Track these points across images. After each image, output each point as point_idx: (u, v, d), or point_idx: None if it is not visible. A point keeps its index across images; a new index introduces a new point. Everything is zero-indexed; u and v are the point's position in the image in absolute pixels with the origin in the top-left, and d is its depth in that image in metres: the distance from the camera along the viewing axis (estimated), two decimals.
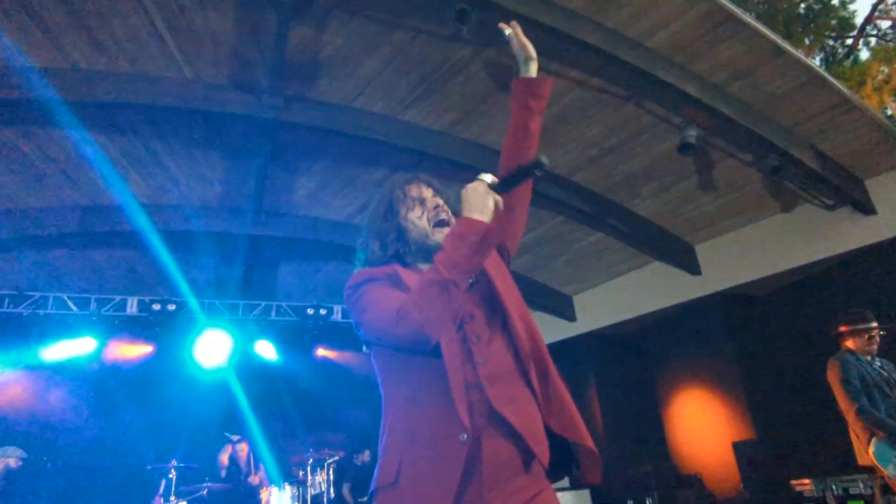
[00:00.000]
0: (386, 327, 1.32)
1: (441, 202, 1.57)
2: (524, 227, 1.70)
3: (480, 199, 1.35)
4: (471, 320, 1.40)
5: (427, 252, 1.51)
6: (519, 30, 1.72)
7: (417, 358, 1.35)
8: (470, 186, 1.40)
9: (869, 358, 3.68)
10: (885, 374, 3.54)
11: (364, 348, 1.54)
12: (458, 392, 1.27)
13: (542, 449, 1.33)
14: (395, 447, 1.34)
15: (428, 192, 1.59)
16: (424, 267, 1.51)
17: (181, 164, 6.16)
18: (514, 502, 1.27)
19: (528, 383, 1.38)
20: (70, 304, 7.19)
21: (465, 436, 1.25)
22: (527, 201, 1.68)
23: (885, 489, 5.61)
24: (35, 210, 6.40)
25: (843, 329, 3.81)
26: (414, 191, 1.59)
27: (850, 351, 3.74)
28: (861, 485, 5.75)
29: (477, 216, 1.33)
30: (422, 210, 1.55)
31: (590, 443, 1.39)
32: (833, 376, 3.64)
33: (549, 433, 1.39)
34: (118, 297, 7.43)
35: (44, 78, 4.78)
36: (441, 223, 1.54)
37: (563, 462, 1.42)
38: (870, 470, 3.46)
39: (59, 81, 4.83)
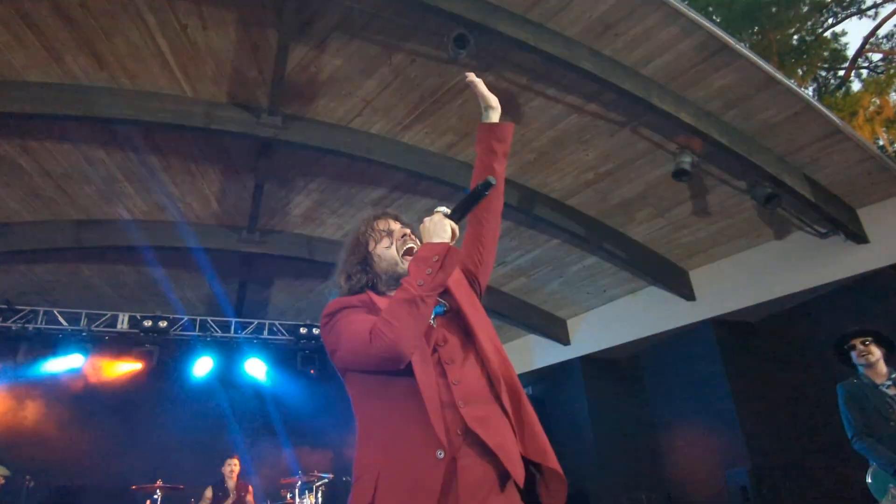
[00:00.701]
0: (360, 348, 1.37)
1: (408, 232, 1.66)
2: (493, 258, 1.76)
3: (438, 226, 1.48)
4: (444, 344, 1.45)
5: (398, 279, 1.57)
6: (479, 81, 1.86)
7: (392, 380, 1.38)
8: (427, 219, 1.52)
9: (878, 379, 3.40)
10: (890, 395, 3.29)
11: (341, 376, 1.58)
12: (434, 410, 1.30)
13: (516, 470, 1.33)
14: (371, 469, 1.34)
15: (396, 225, 1.69)
16: None
17: (178, 180, 6.17)
18: None
19: (502, 407, 1.41)
20: (60, 318, 7.13)
21: (442, 453, 1.26)
22: (494, 230, 1.75)
23: None
24: (28, 224, 6.38)
25: (839, 354, 3.68)
26: (381, 224, 1.69)
27: (855, 375, 3.53)
28: None
29: (437, 240, 1.44)
30: (390, 241, 1.64)
31: (559, 467, 1.40)
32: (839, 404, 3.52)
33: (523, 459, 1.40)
34: (109, 313, 7.37)
35: (44, 92, 4.80)
36: (409, 251, 1.63)
37: (529, 488, 1.41)
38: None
39: (59, 96, 4.85)
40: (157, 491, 5.68)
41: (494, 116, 1.82)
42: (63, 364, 7.13)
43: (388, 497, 1.28)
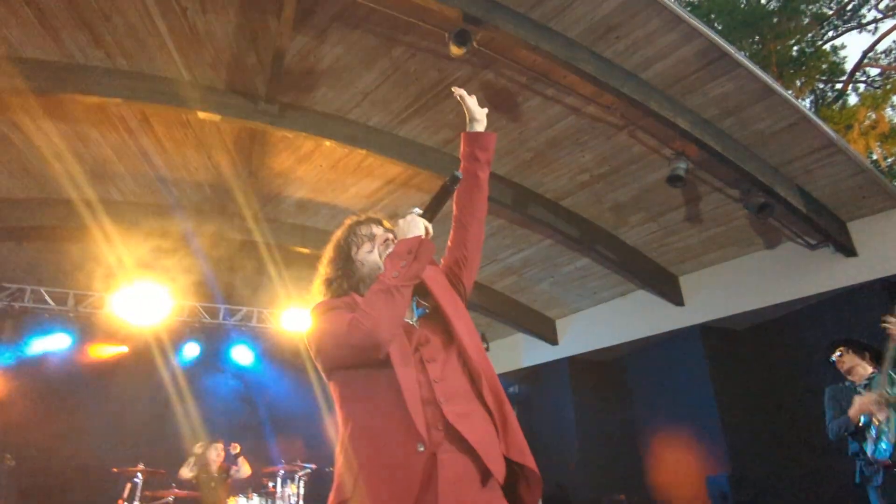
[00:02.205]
0: (341, 340, 1.40)
1: (391, 236, 1.69)
2: (478, 261, 1.80)
3: (412, 224, 1.56)
4: (427, 343, 1.48)
5: None
6: (467, 96, 1.93)
7: (374, 376, 1.40)
8: (401, 220, 1.60)
9: (858, 381, 3.74)
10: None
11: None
12: (414, 405, 1.32)
13: (496, 467, 1.35)
14: (351, 464, 1.36)
15: (378, 229, 1.72)
16: None
17: (172, 165, 6.13)
18: None
19: (485, 406, 1.44)
20: (47, 297, 7.08)
21: (423, 446, 1.28)
22: (478, 234, 1.80)
23: None
24: (18, 201, 6.32)
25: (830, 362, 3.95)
26: (363, 229, 1.72)
27: (844, 379, 3.89)
28: None
29: (410, 236, 1.53)
30: (372, 245, 1.68)
31: (536, 468, 1.43)
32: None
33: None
34: (97, 294, 7.32)
35: (38, 68, 4.76)
36: None
37: (509, 486, 1.43)
38: None
39: (54, 74, 4.80)
40: (139, 474, 5.66)
41: (479, 128, 1.87)
42: (48, 344, 7.08)
43: (368, 489, 1.30)
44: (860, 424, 3.45)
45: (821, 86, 15.60)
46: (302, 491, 6.37)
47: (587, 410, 8.66)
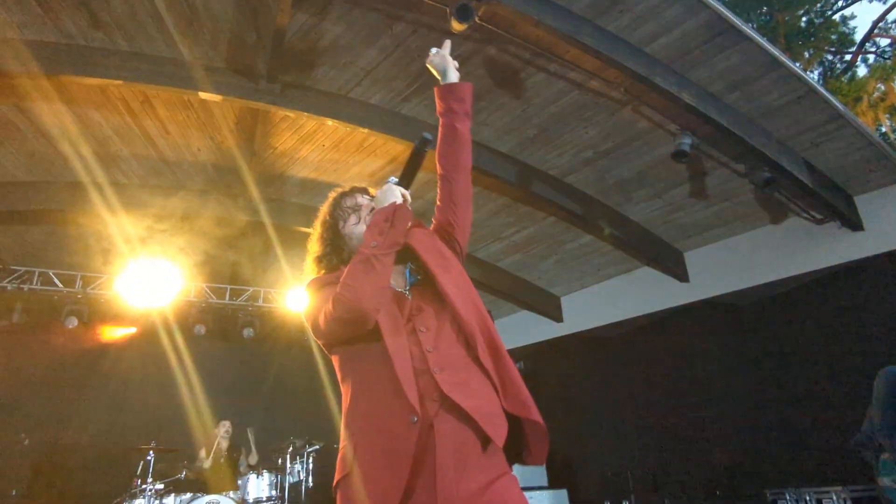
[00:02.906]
0: (329, 316, 1.40)
1: (374, 204, 1.66)
2: (469, 215, 1.76)
3: (388, 193, 1.55)
4: (419, 313, 1.47)
5: None
6: (431, 55, 1.90)
7: (367, 350, 1.41)
8: (378, 191, 1.59)
9: None
10: None
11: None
12: (405, 376, 1.32)
13: (495, 430, 1.34)
14: (349, 440, 1.38)
15: (363, 199, 1.70)
16: None
17: (175, 146, 6.12)
18: (468, 487, 1.26)
19: (482, 369, 1.42)
20: (56, 280, 7.14)
21: (416, 418, 1.27)
22: (464, 188, 1.76)
23: (857, 502, 5.70)
24: (25, 184, 6.34)
25: None
26: (348, 202, 1.71)
27: None
28: (834, 497, 5.83)
29: (386, 205, 1.53)
30: (357, 217, 1.66)
31: (540, 419, 1.42)
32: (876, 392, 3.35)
33: (507, 415, 1.41)
34: (104, 276, 7.38)
35: (38, 51, 4.73)
36: None
37: (514, 444, 1.43)
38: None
39: (54, 56, 4.78)
40: (151, 452, 5.76)
41: (454, 79, 1.81)
42: (58, 325, 7.16)
43: (365, 463, 1.31)
44: None
45: (829, 57, 15.34)
46: (310, 467, 6.48)
47: (592, 386, 8.73)
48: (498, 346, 1.48)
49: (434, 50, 1.85)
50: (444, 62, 1.84)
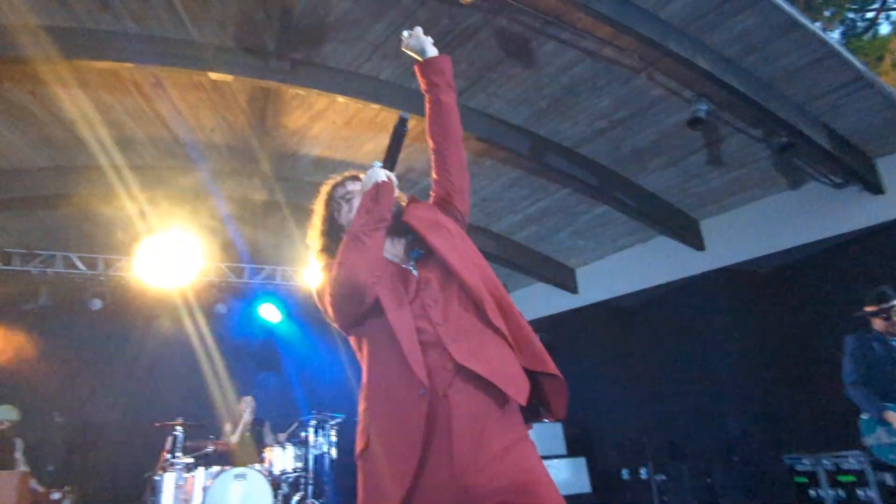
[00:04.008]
0: (330, 297, 1.45)
1: (362, 188, 1.68)
2: (466, 183, 1.77)
3: (372, 176, 1.59)
4: (426, 287, 1.48)
5: None
6: (406, 39, 1.92)
7: (375, 329, 1.44)
8: (363, 176, 1.64)
9: (890, 336, 3.50)
10: None
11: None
12: (411, 350, 1.34)
13: (517, 389, 1.36)
14: (364, 416, 1.42)
15: (355, 186, 1.74)
16: None
17: (187, 126, 6.15)
18: (486, 455, 1.28)
19: (496, 330, 1.43)
20: (78, 263, 7.28)
21: (423, 391, 1.30)
22: (457, 157, 1.77)
23: (875, 465, 5.72)
24: (43, 169, 6.43)
25: (865, 310, 3.64)
26: (339, 192, 1.76)
27: (868, 330, 3.59)
28: (853, 461, 5.84)
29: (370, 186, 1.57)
30: (350, 206, 1.70)
31: (558, 371, 1.44)
32: (844, 353, 3.58)
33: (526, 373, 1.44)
34: (125, 258, 7.51)
35: (49, 35, 4.75)
36: None
37: (532, 402, 1.44)
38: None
39: (65, 39, 4.80)
40: (178, 427, 5.93)
41: (432, 54, 1.86)
42: (82, 307, 7.32)
43: (381, 437, 1.35)
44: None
45: (851, 15, 14.84)
46: (333, 439, 6.62)
47: (609, 357, 8.76)
48: (508, 305, 1.49)
49: (406, 33, 1.87)
50: (419, 41, 1.87)
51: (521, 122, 6.14)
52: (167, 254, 7.27)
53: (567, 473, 6.96)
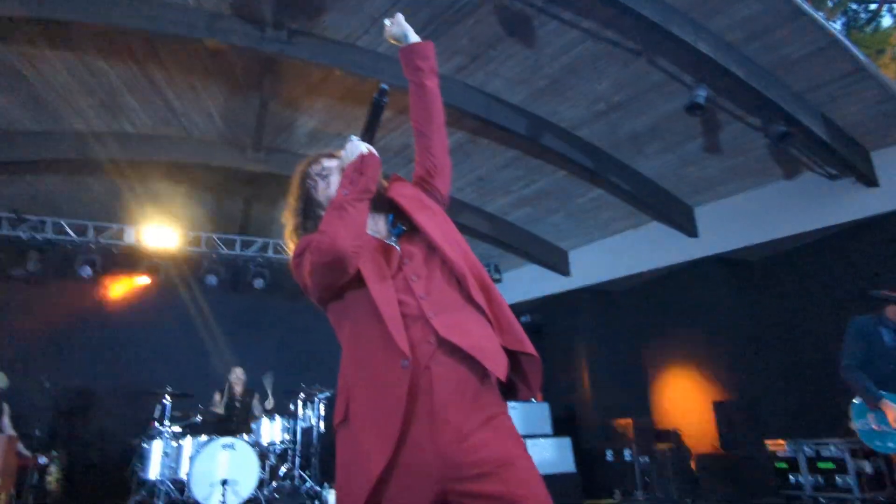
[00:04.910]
0: (313, 265, 1.44)
1: (342, 163, 1.68)
2: (448, 165, 1.78)
3: (352, 149, 1.59)
4: (409, 261, 1.50)
5: None
6: (388, 26, 1.88)
7: (357, 301, 1.45)
8: (342, 151, 1.63)
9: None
10: None
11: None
12: (393, 321, 1.35)
13: (495, 364, 1.38)
14: (343, 387, 1.43)
15: (331, 162, 1.73)
16: None
17: (182, 95, 6.06)
18: (467, 426, 1.30)
19: (477, 307, 1.45)
20: (68, 229, 7.21)
21: (406, 362, 1.31)
22: (439, 139, 1.78)
23: (854, 453, 5.83)
24: (32, 133, 6.34)
25: (884, 296, 3.55)
26: (315, 168, 1.74)
27: (879, 315, 3.52)
28: (833, 448, 5.96)
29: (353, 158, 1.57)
30: (326, 182, 1.70)
31: (534, 350, 1.46)
32: (847, 333, 3.51)
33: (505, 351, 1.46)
34: (116, 226, 7.45)
35: None
36: None
37: (508, 380, 1.47)
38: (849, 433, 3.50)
39: (57, 1, 4.69)
40: (167, 397, 5.94)
41: (414, 40, 1.85)
42: (73, 274, 7.27)
43: (358, 409, 1.36)
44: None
45: (854, 6, 14.74)
46: (322, 413, 6.67)
47: (598, 340, 8.84)
48: (489, 285, 1.51)
49: (388, 21, 1.86)
50: (401, 29, 1.87)
51: (519, 102, 6.09)
52: (159, 223, 7.21)
53: (552, 453, 7.05)
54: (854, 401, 3.42)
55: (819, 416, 6.25)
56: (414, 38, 1.86)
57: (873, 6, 14.36)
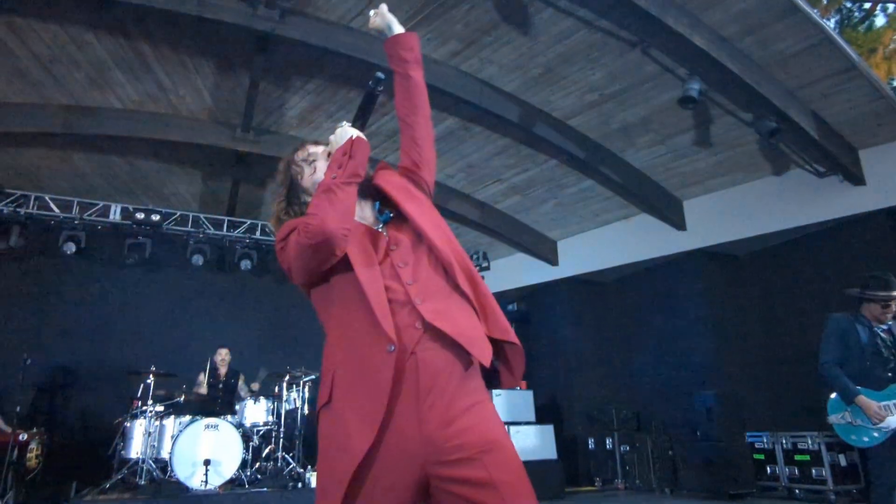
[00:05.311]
0: (300, 247, 1.44)
1: (330, 148, 1.68)
2: (433, 156, 1.79)
3: (342, 134, 1.58)
4: (397, 248, 1.51)
5: None
6: (373, 17, 1.89)
7: (343, 286, 1.45)
8: (332, 136, 1.62)
9: (876, 322, 3.43)
10: (887, 337, 3.40)
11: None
12: (379, 305, 1.36)
13: (480, 351, 1.39)
14: (328, 370, 1.43)
15: (317, 148, 1.72)
16: None
17: (170, 71, 5.96)
18: (452, 411, 1.31)
19: (463, 296, 1.47)
20: (52, 205, 7.10)
21: (392, 347, 1.32)
22: (425, 130, 1.79)
23: (830, 446, 5.94)
24: (15, 105, 6.21)
25: (859, 294, 3.58)
26: (301, 155, 1.73)
27: (855, 313, 3.52)
28: (809, 441, 6.08)
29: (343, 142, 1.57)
30: (313, 168, 1.70)
31: (517, 339, 1.49)
32: (825, 330, 3.55)
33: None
34: (101, 203, 7.34)
35: None
36: None
37: (490, 369, 1.49)
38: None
39: None
40: (151, 377, 5.91)
41: (399, 31, 1.86)
42: (56, 251, 7.17)
43: (343, 392, 1.36)
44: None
45: (848, 4, 14.79)
46: (306, 395, 6.67)
47: (584, 329, 8.90)
48: (474, 275, 1.53)
49: (372, 12, 1.85)
50: (385, 19, 1.87)
51: (513, 90, 6.06)
52: (144, 201, 7.12)
53: (534, 440, 7.11)
54: (832, 395, 3.48)
55: (799, 410, 6.35)
56: (398, 28, 1.86)
57: (867, 5, 14.42)
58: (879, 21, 14.31)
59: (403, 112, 1.79)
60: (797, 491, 6.11)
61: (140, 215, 7.26)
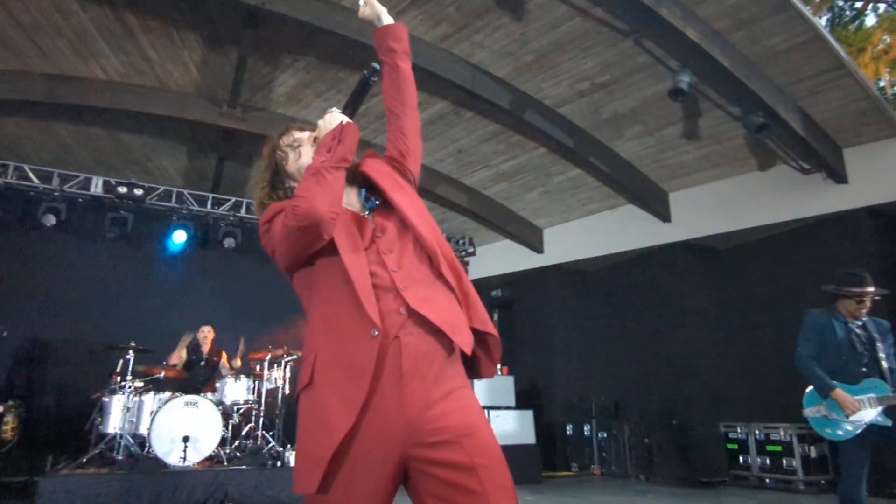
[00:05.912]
0: (287, 229, 1.44)
1: (317, 133, 1.68)
2: (419, 147, 1.80)
3: (331, 120, 1.60)
4: (382, 234, 1.52)
5: None
6: (362, 6, 1.89)
7: (328, 270, 1.46)
8: (320, 121, 1.63)
9: (852, 319, 3.49)
10: (862, 333, 3.53)
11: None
12: (364, 290, 1.38)
13: (462, 339, 1.42)
14: (310, 352, 1.44)
15: (302, 133, 1.72)
16: None
17: (157, 43, 5.84)
18: (433, 395, 1.34)
19: (447, 284, 1.49)
20: (32, 175, 6.97)
21: (376, 331, 1.33)
22: (412, 121, 1.79)
23: (801, 438, 6.08)
24: None
25: (834, 290, 3.64)
26: (286, 140, 1.73)
27: (831, 309, 3.57)
28: (782, 432, 6.22)
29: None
30: (298, 153, 1.70)
31: (495, 331, 1.52)
32: (802, 325, 3.61)
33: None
34: (83, 175, 7.22)
35: None
36: None
37: (469, 359, 1.52)
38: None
39: None
40: (130, 352, 5.86)
41: (388, 21, 1.86)
42: (35, 222, 7.05)
43: (325, 375, 1.37)
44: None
45: (840, 3, 14.87)
46: (287, 375, 6.67)
47: (567, 318, 8.98)
48: (457, 266, 1.56)
49: (362, 2, 1.87)
50: (374, 9, 1.87)
51: (504, 76, 6.03)
52: (127, 174, 7.01)
53: (514, 425, 7.20)
54: (807, 389, 3.56)
55: (774, 403, 6.48)
56: (387, 19, 1.85)
57: (858, 4, 14.51)
58: (870, 20, 14.42)
59: (391, 102, 1.80)
60: (768, 480, 6.25)
61: (122, 189, 7.16)
